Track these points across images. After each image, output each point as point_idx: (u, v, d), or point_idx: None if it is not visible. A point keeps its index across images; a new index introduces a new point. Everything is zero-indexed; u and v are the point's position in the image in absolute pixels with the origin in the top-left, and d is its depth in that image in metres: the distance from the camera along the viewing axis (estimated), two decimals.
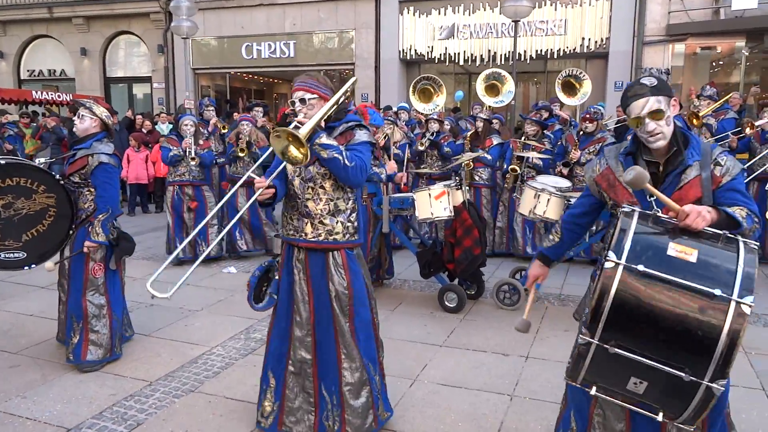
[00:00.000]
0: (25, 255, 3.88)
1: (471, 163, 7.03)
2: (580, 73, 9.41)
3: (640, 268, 1.84)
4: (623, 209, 2.04)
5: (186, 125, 6.94)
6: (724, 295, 1.77)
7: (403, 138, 7.68)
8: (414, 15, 13.74)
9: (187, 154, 6.83)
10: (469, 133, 7.44)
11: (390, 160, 7.05)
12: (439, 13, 13.54)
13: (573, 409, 2.49)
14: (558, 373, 3.88)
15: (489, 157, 7.11)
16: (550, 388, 3.70)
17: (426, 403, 3.54)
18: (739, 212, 2.08)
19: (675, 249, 1.90)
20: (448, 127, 8.00)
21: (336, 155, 2.74)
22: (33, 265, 3.93)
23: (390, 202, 5.43)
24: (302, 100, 2.82)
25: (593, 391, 2.01)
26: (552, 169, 6.99)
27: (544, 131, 7.43)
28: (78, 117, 4.03)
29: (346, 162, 2.75)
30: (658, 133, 2.19)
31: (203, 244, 7.00)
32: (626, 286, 1.84)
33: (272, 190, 2.78)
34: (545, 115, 8.38)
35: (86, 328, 3.98)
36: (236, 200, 7.20)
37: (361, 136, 2.90)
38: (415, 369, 4.03)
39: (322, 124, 2.87)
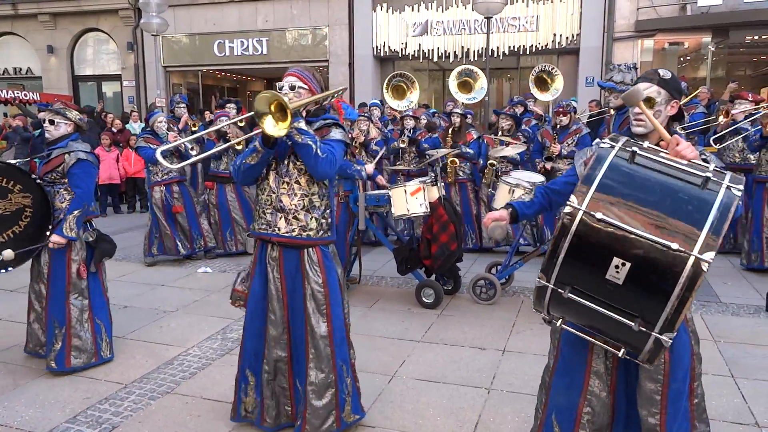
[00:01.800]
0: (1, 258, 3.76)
1: (456, 160, 7.10)
2: (553, 68, 9.52)
3: (598, 215, 1.80)
4: (601, 143, 2.01)
5: (160, 122, 6.87)
6: (683, 250, 1.72)
7: (379, 134, 7.69)
8: (387, 12, 13.73)
9: (182, 147, 6.69)
10: (448, 129, 7.47)
11: (368, 156, 7.11)
12: (413, 10, 13.55)
13: (554, 412, 2.48)
14: (535, 366, 3.93)
15: (471, 151, 7.18)
16: (527, 381, 3.74)
17: (404, 399, 3.56)
18: None
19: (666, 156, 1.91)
20: (424, 122, 8.03)
21: (310, 142, 2.70)
22: (9, 269, 3.82)
23: (366, 199, 5.43)
24: (292, 87, 2.84)
25: (559, 323, 2.03)
26: (529, 163, 7.07)
27: (519, 126, 7.52)
28: (52, 124, 3.91)
29: (318, 151, 2.71)
30: (642, 120, 2.26)
31: (200, 239, 7.05)
32: (583, 232, 1.82)
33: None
34: (520, 110, 8.46)
35: (69, 334, 3.87)
36: (225, 197, 7.14)
37: (336, 134, 2.91)
38: (394, 365, 4.05)
39: (303, 114, 2.87)
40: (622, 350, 1.97)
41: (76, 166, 3.83)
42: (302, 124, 2.72)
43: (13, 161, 3.96)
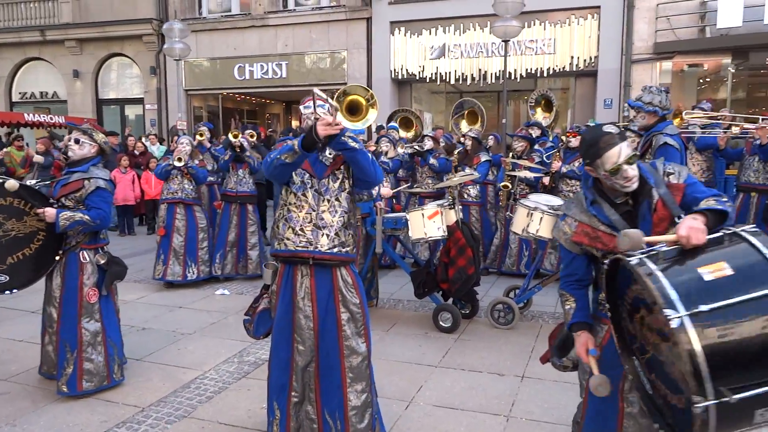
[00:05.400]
0: (8, 279, 3.80)
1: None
2: (547, 90, 9.42)
3: (703, 308, 1.74)
4: (631, 261, 1.94)
5: (183, 143, 6.87)
6: None
7: (396, 156, 7.74)
8: (405, 35, 13.88)
9: (173, 157, 6.72)
10: (457, 152, 7.49)
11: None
12: (430, 33, 13.68)
13: None
14: (554, 393, 3.86)
15: (477, 174, 7.16)
16: (547, 408, 3.67)
17: (422, 426, 3.51)
18: (712, 203, 2.10)
19: (709, 272, 1.82)
20: (443, 144, 8.04)
21: (362, 148, 2.81)
22: (14, 290, 3.85)
23: (383, 222, 5.43)
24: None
25: None
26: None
27: (534, 147, 7.51)
28: (77, 143, 3.93)
29: (368, 157, 2.83)
30: (633, 176, 2.21)
31: (193, 266, 6.90)
32: (704, 333, 1.74)
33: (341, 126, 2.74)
34: (537, 132, 8.45)
35: (80, 357, 3.86)
36: (229, 219, 7.17)
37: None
38: (411, 391, 4.00)
39: None
40: None
41: (94, 193, 3.84)
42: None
43: (32, 182, 4.02)
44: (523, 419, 3.59)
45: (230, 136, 7.06)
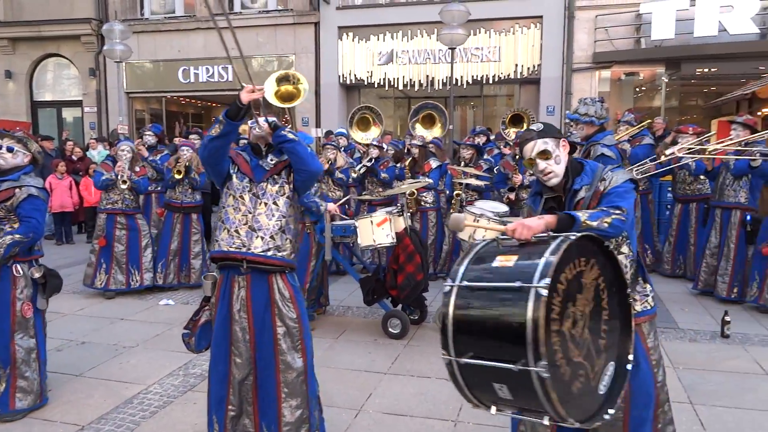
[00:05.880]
0: None
1: (415, 191, 7.15)
2: (527, 110, 9.57)
3: (464, 283, 2.05)
4: (476, 242, 2.25)
5: (122, 150, 6.66)
6: (525, 284, 1.91)
7: (346, 163, 7.73)
8: (353, 41, 13.90)
9: (118, 177, 6.53)
10: (407, 162, 7.57)
11: (335, 185, 7.17)
12: (378, 39, 13.75)
13: None
14: None
15: (430, 181, 7.25)
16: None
17: None
18: (587, 211, 2.26)
19: (499, 260, 2.10)
20: (391, 152, 8.09)
21: (300, 140, 2.90)
22: None
23: (332, 230, 5.42)
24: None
25: (493, 410, 2.08)
26: (494, 192, 7.18)
27: (481, 155, 7.66)
28: (10, 152, 3.75)
29: (307, 149, 2.91)
30: (549, 172, 2.44)
31: (136, 273, 6.72)
32: (459, 303, 2.04)
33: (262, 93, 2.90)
34: (483, 139, 8.60)
35: (14, 375, 3.69)
36: (171, 228, 7.00)
37: None
38: (360, 398, 4.01)
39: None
40: (546, 418, 1.97)
41: (26, 201, 3.69)
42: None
43: None
44: (470, 423, 3.66)
45: (174, 174, 6.88)
